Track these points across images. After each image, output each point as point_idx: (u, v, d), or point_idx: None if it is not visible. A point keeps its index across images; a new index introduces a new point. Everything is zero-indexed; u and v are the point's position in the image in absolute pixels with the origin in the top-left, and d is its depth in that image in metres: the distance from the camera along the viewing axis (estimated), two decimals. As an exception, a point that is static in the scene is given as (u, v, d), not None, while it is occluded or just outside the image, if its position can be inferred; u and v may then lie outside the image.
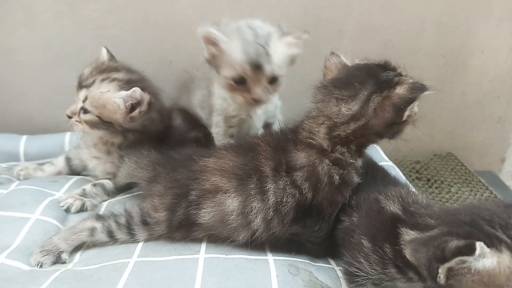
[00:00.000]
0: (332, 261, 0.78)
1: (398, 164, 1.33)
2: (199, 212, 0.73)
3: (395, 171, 1.06)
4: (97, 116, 0.93)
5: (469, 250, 0.50)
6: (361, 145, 0.73)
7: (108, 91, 0.92)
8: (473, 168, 1.44)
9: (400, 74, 0.72)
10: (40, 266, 0.73)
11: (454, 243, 0.52)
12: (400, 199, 0.68)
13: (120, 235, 0.77)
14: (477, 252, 0.50)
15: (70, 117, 0.96)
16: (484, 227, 0.54)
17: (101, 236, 0.77)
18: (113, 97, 0.91)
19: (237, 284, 0.67)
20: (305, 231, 0.75)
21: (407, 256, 0.57)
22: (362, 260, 0.64)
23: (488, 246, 0.51)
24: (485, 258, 0.51)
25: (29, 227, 0.81)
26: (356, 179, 0.74)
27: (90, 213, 0.88)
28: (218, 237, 0.76)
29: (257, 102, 0.95)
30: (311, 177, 0.71)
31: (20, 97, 1.31)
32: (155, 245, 0.77)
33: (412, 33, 1.27)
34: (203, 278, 0.67)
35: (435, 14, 1.26)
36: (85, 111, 0.93)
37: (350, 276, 0.67)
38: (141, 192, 0.90)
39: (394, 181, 0.83)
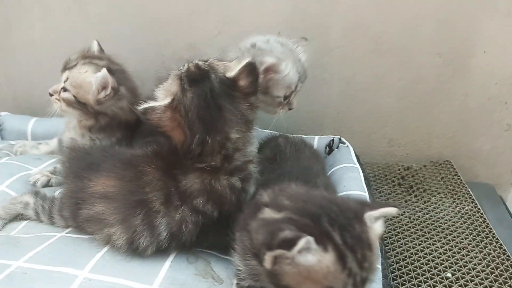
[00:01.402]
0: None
1: (387, 168, 1.27)
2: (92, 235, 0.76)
3: (355, 174, 1.02)
4: (73, 95, 1.03)
5: (292, 244, 0.49)
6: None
7: (86, 71, 1.02)
8: (478, 179, 1.31)
9: None
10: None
11: (284, 233, 0.52)
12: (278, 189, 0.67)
13: (43, 218, 0.84)
14: (298, 247, 0.50)
15: (51, 95, 1.08)
16: (323, 223, 0.54)
17: (30, 213, 0.85)
18: (89, 78, 1.00)
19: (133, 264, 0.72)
20: (214, 237, 0.76)
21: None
22: (234, 253, 0.65)
23: (318, 243, 0.50)
24: (309, 254, 0.50)
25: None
26: (254, 169, 0.74)
27: (32, 188, 0.98)
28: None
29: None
30: (211, 197, 0.71)
31: (40, 84, 1.48)
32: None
33: (406, 29, 1.19)
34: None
35: (431, 9, 1.17)
36: (65, 90, 1.04)
37: (236, 271, 0.68)
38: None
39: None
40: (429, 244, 0.93)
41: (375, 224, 0.58)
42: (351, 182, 0.99)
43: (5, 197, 0.93)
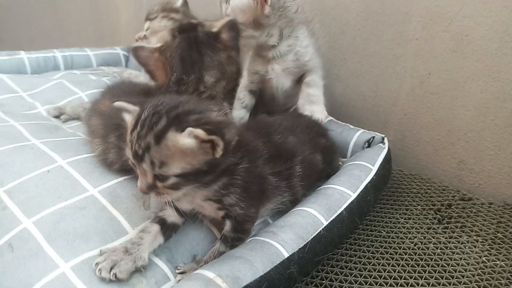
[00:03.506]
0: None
1: (438, 192, 1.07)
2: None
3: (361, 173, 0.91)
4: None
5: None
6: None
7: (164, 24, 1.21)
8: None
9: None
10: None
11: None
12: None
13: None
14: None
15: (136, 40, 1.30)
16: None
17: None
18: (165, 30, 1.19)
19: (97, 169, 0.86)
20: None
21: None
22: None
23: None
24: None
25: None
26: None
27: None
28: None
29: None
30: None
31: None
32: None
33: (499, 31, 0.95)
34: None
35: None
36: (145, 37, 1.25)
37: None
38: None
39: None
40: None
41: (187, 139, 0.60)
42: (348, 179, 0.89)
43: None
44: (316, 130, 0.99)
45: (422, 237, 0.89)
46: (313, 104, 1.11)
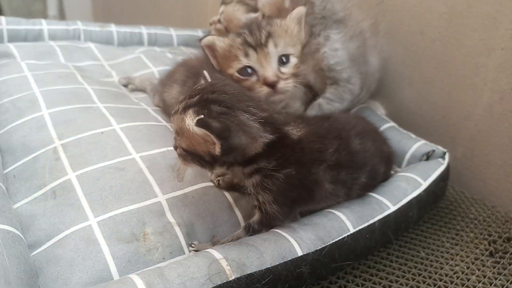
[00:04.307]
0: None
1: (498, 222, 0.95)
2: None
3: (403, 186, 0.84)
4: (225, 27, 1.27)
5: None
6: None
7: (238, 10, 1.24)
8: None
9: None
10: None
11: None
12: None
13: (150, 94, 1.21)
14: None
15: (210, 25, 1.35)
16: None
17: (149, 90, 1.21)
18: (239, 16, 1.22)
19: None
20: None
21: None
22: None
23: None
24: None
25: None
26: None
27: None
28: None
29: None
30: None
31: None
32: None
33: None
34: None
35: None
36: (219, 21, 1.29)
37: None
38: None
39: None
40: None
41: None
42: (391, 190, 0.83)
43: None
44: (381, 138, 0.92)
45: (465, 267, 0.80)
46: None
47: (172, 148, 0.73)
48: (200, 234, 0.74)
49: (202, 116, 0.60)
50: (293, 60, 0.81)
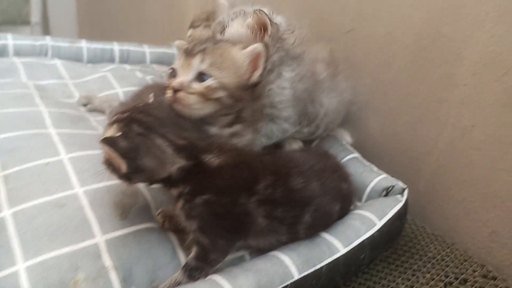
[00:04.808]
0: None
1: (461, 263, 0.94)
2: None
3: (358, 225, 0.82)
4: None
5: None
6: None
7: (206, 34, 1.22)
8: None
9: None
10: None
11: None
12: None
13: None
14: None
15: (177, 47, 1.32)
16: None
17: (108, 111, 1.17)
18: None
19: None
20: None
21: None
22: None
23: None
24: None
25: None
26: None
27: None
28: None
29: None
30: None
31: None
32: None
33: None
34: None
35: None
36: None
37: None
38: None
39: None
40: None
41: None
42: (344, 230, 0.81)
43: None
44: (340, 175, 0.90)
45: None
46: None
47: (120, 181, 0.71)
48: (139, 279, 0.70)
49: (120, 133, 0.65)
50: (210, 82, 0.78)
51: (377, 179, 1.00)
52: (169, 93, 0.79)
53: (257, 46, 0.80)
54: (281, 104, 0.99)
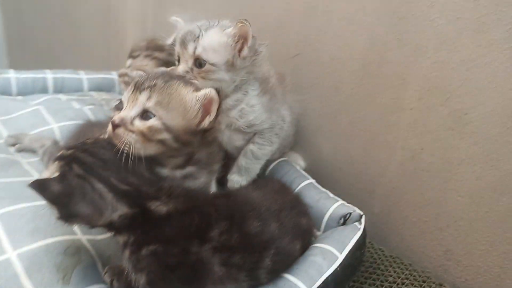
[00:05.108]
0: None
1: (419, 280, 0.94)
2: None
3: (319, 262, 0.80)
4: None
5: None
6: None
7: (146, 65, 1.15)
8: None
9: None
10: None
11: None
12: None
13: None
14: None
15: (119, 76, 1.24)
16: None
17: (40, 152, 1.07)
18: (148, 70, 1.12)
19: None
20: None
21: None
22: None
23: None
24: None
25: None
26: None
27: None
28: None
29: None
30: None
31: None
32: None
33: (502, 113, 0.83)
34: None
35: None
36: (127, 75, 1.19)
37: None
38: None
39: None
40: None
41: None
42: (306, 269, 0.78)
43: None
44: (299, 210, 0.88)
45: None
46: (239, 176, 1.02)
47: (61, 239, 0.63)
48: None
49: (57, 174, 0.61)
50: (153, 122, 0.73)
51: (334, 206, 0.99)
52: (109, 128, 0.72)
53: (210, 91, 0.76)
54: (257, 120, 0.97)
